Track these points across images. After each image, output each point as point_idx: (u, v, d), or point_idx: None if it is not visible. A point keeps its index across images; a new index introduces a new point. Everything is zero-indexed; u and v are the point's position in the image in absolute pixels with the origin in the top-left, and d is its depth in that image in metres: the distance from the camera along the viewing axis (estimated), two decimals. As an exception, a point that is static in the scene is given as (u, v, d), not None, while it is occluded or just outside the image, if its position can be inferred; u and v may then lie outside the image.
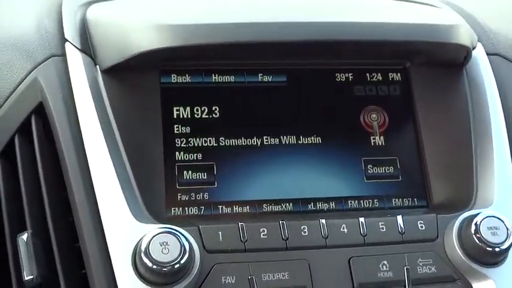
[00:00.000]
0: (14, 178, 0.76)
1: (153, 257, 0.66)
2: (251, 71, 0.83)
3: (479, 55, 0.89)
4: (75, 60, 0.78)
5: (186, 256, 0.66)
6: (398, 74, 0.87)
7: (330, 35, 0.79)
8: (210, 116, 0.80)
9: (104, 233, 0.69)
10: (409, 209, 0.80)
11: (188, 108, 0.80)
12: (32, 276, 0.69)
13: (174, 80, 0.81)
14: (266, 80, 0.83)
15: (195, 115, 0.80)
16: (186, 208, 0.76)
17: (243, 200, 0.78)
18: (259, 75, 0.83)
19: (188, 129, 0.79)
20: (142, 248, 0.66)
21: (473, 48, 0.87)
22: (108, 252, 0.68)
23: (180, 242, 0.67)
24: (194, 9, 0.84)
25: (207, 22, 0.78)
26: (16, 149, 0.76)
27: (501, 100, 0.86)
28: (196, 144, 0.79)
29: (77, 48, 0.79)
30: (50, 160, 0.75)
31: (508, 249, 0.73)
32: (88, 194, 0.71)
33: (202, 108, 0.80)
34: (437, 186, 0.82)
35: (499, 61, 0.92)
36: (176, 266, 0.66)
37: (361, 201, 0.80)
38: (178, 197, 0.76)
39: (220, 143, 0.79)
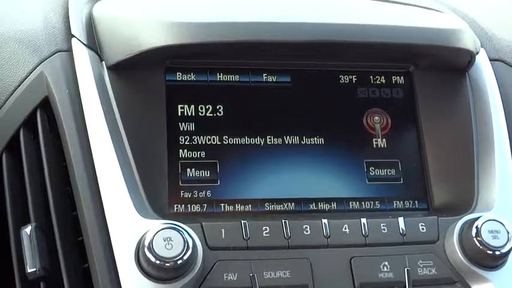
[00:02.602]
0: (18, 171, 0.76)
1: (157, 252, 0.66)
2: (256, 71, 0.83)
3: (482, 60, 0.90)
4: (81, 55, 0.78)
5: (190, 252, 0.66)
6: (402, 77, 0.87)
7: (334, 36, 0.80)
8: (214, 115, 0.80)
9: (107, 228, 0.69)
10: (410, 211, 0.81)
11: (193, 106, 0.80)
12: (34, 269, 0.70)
13: (179, 78, 0.81)
14: (270, 80, 0.83)
15: (200, 113, 0.80)
16: (189, 205, 0.76)
17: (245, 198, 0.78)
18: (264, 75, 0.83)
19: (192, 127, 0.79)
20: (146, 243, 0.66)
21: (477, 53, 0.88)
22: (111, 247, 0.68)
23: (183, 237, 0.67)
24: (200, 7, 0.84)
25: (212, 21, 0.78)
26: (21, 143, 0.76)
27: (503, 105, 0.86)
28: (200, 142, 0.79)
29: (83, 43, 0.79)
30: (55, 154, 0.75)
31: (508, 252, 0.73)
32: (92, 189, 0.71)
33: (207, 107, 0.81)
34: (438, 189, 0.82)
35: (502, 67, 0.92)
36: (179, 261, 0.66)
37: (363, 202, 0.80)
38: (181, 194, 0.77)
39: (224, 142, 0.79)
